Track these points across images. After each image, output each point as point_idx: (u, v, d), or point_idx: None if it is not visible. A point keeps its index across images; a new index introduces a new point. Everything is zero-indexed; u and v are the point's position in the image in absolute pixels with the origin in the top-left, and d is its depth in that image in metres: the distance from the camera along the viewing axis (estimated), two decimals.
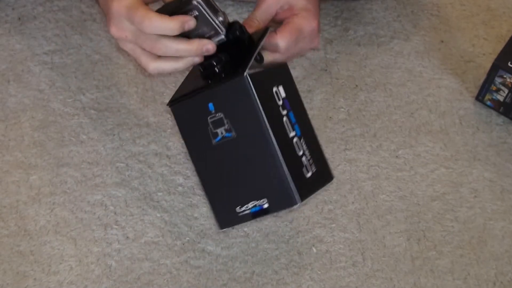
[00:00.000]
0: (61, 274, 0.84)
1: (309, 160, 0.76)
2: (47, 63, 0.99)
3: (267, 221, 0.88)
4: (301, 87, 0.99)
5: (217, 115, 0.74)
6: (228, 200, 0.77)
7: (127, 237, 0.87)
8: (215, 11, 0.72)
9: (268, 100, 0.73)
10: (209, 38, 0.74)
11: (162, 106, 0.96)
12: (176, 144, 0.93)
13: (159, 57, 0.75)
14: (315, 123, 0.96)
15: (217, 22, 0.73)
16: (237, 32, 0.74)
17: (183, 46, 0.72)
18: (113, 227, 0.87)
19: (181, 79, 0.98)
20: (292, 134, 0.75)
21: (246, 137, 0.73)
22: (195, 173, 0.91)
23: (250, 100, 0.72)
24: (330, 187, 0.91)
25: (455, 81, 1.01)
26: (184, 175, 0.91)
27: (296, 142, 0.75)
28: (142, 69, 0.96)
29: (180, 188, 0.90)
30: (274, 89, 0.75)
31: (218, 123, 0.74)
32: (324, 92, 0.98)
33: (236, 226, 0.88)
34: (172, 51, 0.73)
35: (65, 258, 0.85)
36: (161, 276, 0.84)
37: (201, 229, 0.88)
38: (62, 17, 1.02)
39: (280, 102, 0.75)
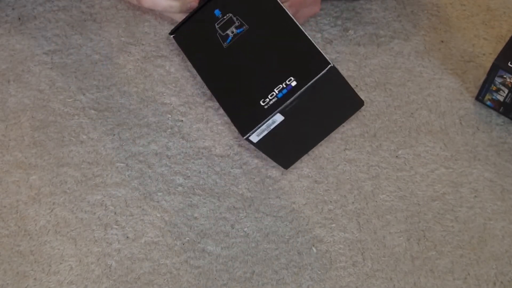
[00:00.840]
0: (61, 274, 0.84)
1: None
2: (47, 63, 0.99)
3: (267, 221, 0.89)
4: None
5: (225, 17, 0.72)
6: (249, 99, 0.70)
7: (127, 237, 0.87)
8: None
9: None
10: None
11: (162, 106, 0.96)
12: (176, 144, 0.93)
13: None
14: None
15: None
16: None
17: None
18: (113, 227, 0.87)
19: (181, 79, 0.98)
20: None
21: (261, 23, 0.71)
22: (195, 173, 0.91)
23: None
24: (330, 187, 0.91)
25: (455, 81, 1.01)
26: (184, 175, 0.91)
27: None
28: (131, 4, 0.93)
29: (180, 188, 0.90)
30: None
31: (227, 24, 0.72)
32: None
33: (236, 226, 0.88)
34: None
35: (65, 258, 0.85)
36: (161, 276, 0.84)
37: (201, 229, 0.88)
38: (62, 17, 1.02)
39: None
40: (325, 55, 0.68)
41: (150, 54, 1.01)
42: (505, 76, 0.93)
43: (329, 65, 0.67)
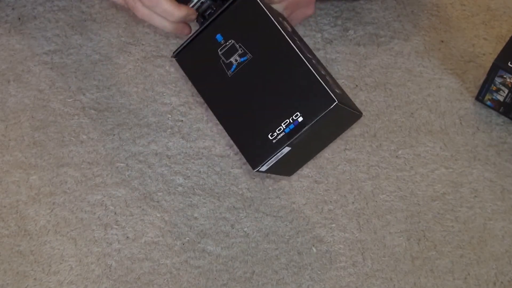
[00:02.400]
0: (61, 274, 0.84)
1: (332, 81, 0.72)
2: (47, 63, 0.99)
3: (267, 221, 0.89)
4: None
5: (227, 43, 0.72)
6: (257, 132, 0.71)
7: (127, 237, 0.87)
8: None
9: (276, 14, 0.73)
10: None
11: (162, 106, 0.96)
12: (176, 144, 0.93)
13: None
14: None
15: None
16: None
17: (176, 12, 0.73)
18: (113, 227, 0.87)
19: (181, 79, 0.98)
20: (307, 55, 0.71)
21: (265, 53, 0.70)
22: (195, 173, 0.91)
23: (262, 12, 0.69)
24: (330, 187, 0.91)
25: (455, 81, 1.01)
26: (184, 175, 0.91)
27: (314, 62, 0.71)
28: (127, 10, 0.93)
29: (180, 188, 0.90)
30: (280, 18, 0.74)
31: (231, 51, 0.72)
32: None
33: (236, 226, 0.88)
34: (166, 14, 0.74)
35: (65, 258, 0.85)
36: (161, 276, 0.84)
37: (201, 229, 0.88)
38: (62, 17, 1.02)
39: (289, 29, 0.73)
40: (329, 91, 0.68)
41: (150, 54, 1.01)
42: (505, 76, 0.93)
43: (335, 103, 0.68)
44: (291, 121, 0.69)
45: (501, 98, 0.96)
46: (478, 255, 0.87)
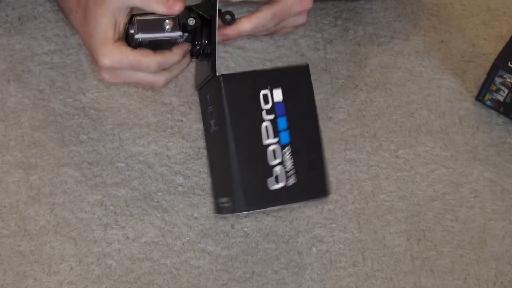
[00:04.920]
0: (61, 274, 0.84)
1: (287, 171, 0.72)
2: (47, 63, 0.99)
3: (267, 221, 0.88)
4: None
5: (209, 107, 0.75)
6: (217, 187, 0.77)
7: (127, 237, 0.87)
8: (158, 26, 0.71)
9: (246, 101, 0.72)
10: (177, 41, 0.74)
11: (162, 106, 0.96)
12: (176, 144, 0.93)
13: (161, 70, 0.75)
14: None
15: (168, 35, 0.72)
16: (193, 25, 0.73)
17: (171, 58, 0.74)
18: (113, 227, 0.87)
19: (181, 79, 0.98)
20: (270, 141, 0.72)
21: (220, 134, 0.73)
22: (195, 173, 0.91)
23: (221, 98, 0.71)
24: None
25: (455, 81, 1.01)
26: (184, 175, 0.91)
27: (273, 149, 0.72)
28: (150, 88, 0.95)
29: (180, 188, 0.90)
30: (263, 91, 0.72)
31: (211, 115, 0.75)
32: (324, 92, 0.98)
33: (236, 226, 0.88)
34: (168, 65, 0.75)
35: (65, 258, 0.85)
36: (161, 276, 0.84)
37: (201, 229, 0.88)
38: (62, 17, 1.02)
39: (268, 106, 0.72)
40: (236, 195, 0.71)
41: None
42: (505, 76, 0.93)
43: (238, 212, 0.73)
44: (225, 201, 0.73)
45: (501, 98, 0.96)
46: (478, 255, 0.87)
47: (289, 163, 0.72)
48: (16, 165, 0.91)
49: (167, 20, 0.71)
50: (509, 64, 0.92)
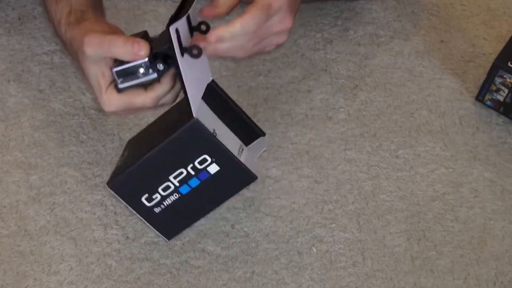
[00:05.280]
0: (61, 274, 0.84)
1: (160, 203, 0.80)
2: (47, 63, 0.99)
3: (267, 221, 0.88)
4: (301, 87, 0.99)
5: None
6: (118, 164, 0.83)
7: (127, 237, 0.86)
8: (134, 73, 0.73)
9: (191, 146, 0.76)
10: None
11: (161, 106, 0.96)
12: None
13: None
14: (315, 123, 0.96)
15: (145, 79, 0.73)
16: (163, 69, 0.73)
17: (158, 93, 0.75)
18: (113, 227, 0.87)
19: None
20: (173, 181, 0.78)
21: (155, 138, 0.79)
22: None
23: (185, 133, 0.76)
24: (330, 187, 0.91)
25: (455, 81, 1.01)
26: None
27: (168, 185, 0.78)
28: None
29: None
30: (207, 156, 0.76)
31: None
32: (324, 92, 0.98)
33: (236, 226, 0.88)
34: (162, 95, 0.76)
35: (65, 258, 0.85)
36: (161, 276, 0.84)
37: (201, 229, 0.88)
38: None
39: (198, 165, 0.76)
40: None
41: None
42: (505, 76, 0.93)
43: None
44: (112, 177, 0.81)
45: (501, 98, 0.96)
46: (478, 255, 0.87)
47: (167, 202, 0.79)
48: (16, 165, 0.91)
49: (141, 66, 0.72)
50: (509, 64, 0.92)
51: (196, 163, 0.75)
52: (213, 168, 0.76)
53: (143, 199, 0.79)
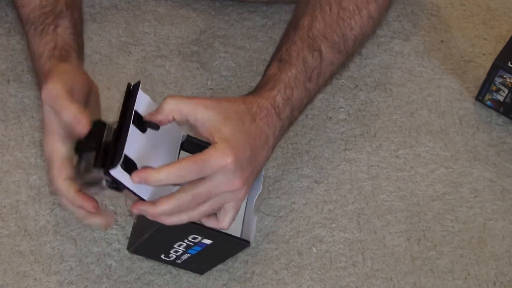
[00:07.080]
0: (61, 274, 0.84)
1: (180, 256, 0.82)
2: None
3: (267, 221, 0.88)
4: None
5: None
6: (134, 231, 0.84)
7: (127, 237, 0.86)
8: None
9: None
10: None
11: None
12: None
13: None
14: (315, 123, 0.96)
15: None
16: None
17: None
18: (113, 227, 0.87)
19: (181, 79, 0.98)
20: (178, 249, 0.79)
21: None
22: None
23: None
24: (330, 187, 0.91)
25: (455, 81, 1.01)
26: None
27: (176, 251, 0.80)
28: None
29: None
30: (199, 236, 0.76)
31: None
32: (324, 92, 0.98)
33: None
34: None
35: (65, 258, 0.85)
36: (161, 276, 0.84)
37: None
38: None
39: (192, 239, 0.77)
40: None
41: (150, 54, 1.01)
42: (505, 76, 0.93)
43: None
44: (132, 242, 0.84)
45: (501, 98, 0.96)
46: (478, 255, 0.87)
47: (184, 258, 0.82)
48: (16, 165, 0.91)
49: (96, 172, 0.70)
50: (509, 64, 0.92)
51: (190, 238, 0.76)
52: (207, 241, 0.77)
53: (162, 257, 0.81)
